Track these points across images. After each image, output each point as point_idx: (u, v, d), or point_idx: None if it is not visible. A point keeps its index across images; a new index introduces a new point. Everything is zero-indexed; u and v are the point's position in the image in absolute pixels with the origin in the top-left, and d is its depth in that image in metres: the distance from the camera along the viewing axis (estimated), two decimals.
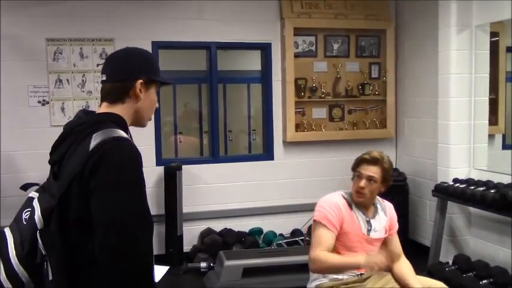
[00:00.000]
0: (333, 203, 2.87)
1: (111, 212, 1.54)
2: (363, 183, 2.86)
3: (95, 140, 1.60)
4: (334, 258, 2.76)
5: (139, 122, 1.81)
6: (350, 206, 2.89)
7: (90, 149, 1.58)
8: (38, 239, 1.61)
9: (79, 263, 1.60)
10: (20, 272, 1.63)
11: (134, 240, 1.54)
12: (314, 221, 2.86)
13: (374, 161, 2.89)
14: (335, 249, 2.83)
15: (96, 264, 1.55)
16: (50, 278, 1.60)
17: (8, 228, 1.70)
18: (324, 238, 2.78)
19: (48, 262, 1.60)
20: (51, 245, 1.60)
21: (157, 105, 1.85)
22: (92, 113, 1.80)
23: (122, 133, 1.66)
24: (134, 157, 1.62)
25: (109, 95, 1.75)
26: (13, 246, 1.64)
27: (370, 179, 2.86)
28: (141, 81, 1.74)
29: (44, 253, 1.61)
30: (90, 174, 1.56)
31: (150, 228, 1.65)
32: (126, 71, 1.74)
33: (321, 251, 2.75)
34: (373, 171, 2.87)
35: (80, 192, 1.58)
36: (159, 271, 4.92)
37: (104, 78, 1.76)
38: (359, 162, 2.94)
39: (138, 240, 1.55)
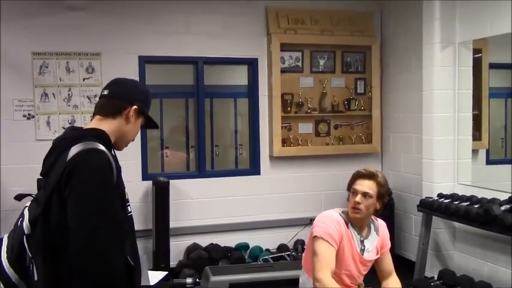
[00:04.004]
0: (333, 219, 2.85)
1: (81, 217, 1.70)
2: (358, 198, 2.84)
3: (71, 152, 1.76)
4: None
5: (119, 143, 1.98)
6: (347, 224, 2.88)
7: (67, 160, 1.75)
8: (25, 243, 1.78)
9: (62, 265, 1.74)
10: (11, 274, 1.80)
11: (100, 242, 1.68)
12: (315, 236, 2.80)
13: (369, 176, 2.88)
14: None
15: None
16: (36, 278, 1.77)
17: (6, 234, 1.90)
18: (329, 257, 2.75)
19: (34, 264, 1.77)
20: (36, 248, 1.77)
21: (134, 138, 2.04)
22: (80, 129, 1.96)
23: (98, 145, 1.80)
24: (103, 167, 1.77)
25: (104, 108, 1.94)
26: (5, 250, 1.83)
27: (365, 194, 2.85)
28: (135, 107, 1.95)
29: (30, 256, 1.78)
30: (65, 183, 1.73)
31: (118, 231, 1.77)
32: (127, 93, 1.97)
33: (331, 276, 2.70)
34: (368, 186, 2.85)
35: (59, 200, 1.74)
36: (156, 276, 4.85)
37: (106, 93, 1.96)
38: (354, 179, 2.92)
39: (104, 242, 1.69)
